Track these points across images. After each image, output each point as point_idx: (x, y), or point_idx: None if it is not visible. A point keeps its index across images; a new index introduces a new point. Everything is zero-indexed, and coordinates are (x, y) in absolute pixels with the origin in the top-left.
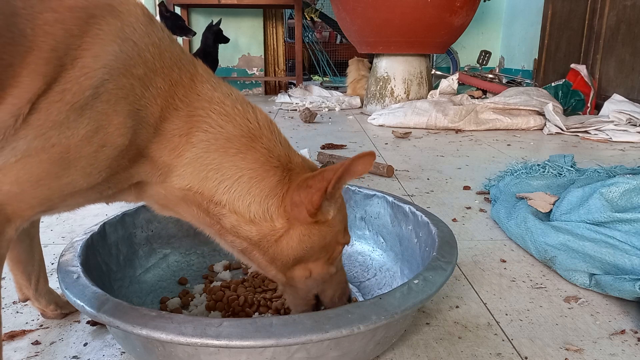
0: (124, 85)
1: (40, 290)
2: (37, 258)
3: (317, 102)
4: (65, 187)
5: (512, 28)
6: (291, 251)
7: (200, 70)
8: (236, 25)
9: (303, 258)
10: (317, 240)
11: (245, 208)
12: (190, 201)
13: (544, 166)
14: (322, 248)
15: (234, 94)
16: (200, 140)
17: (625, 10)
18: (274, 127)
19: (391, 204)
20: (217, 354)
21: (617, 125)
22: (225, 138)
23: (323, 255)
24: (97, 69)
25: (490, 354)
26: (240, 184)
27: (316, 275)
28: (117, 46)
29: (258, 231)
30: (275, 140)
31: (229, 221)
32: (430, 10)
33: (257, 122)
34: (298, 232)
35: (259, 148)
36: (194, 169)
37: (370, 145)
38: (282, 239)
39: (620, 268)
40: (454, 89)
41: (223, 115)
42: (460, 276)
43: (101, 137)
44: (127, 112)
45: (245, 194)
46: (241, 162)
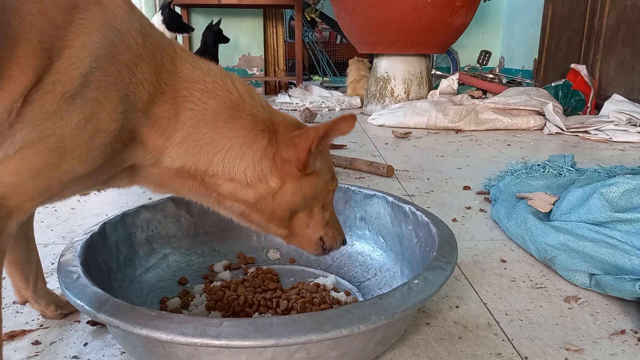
0: (112, 72)
1: (39, 292)
2: (34, 259)
3: (317, 102)
4: (63, 175)
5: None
6: (287, 205)
7: (179, 51)
8: (236, 25)
9: (299, 209)
10: (309, 191)
11: (241, 174)
12: (185, 176)
13: (544, 166)
14: (315, 197)
15: (212, 70)
16: (188, 119)
17: (625, 10)
18: (253, 93)
19: (391, 204)
20: (217, 354)
21: (617, 125)
22: (212, 113)
23: (317, 203)
24: (85, 58)
25: (490, 354)
26: (233, 153)
27: (314, 222)
28: (102, 35)
29: (255, 193)
30: (257, 106)
31: (226, 189)
32: (430, 10)
33: (237, 92)
34: (291, 186)
35: (244, 116)
36: (187, 147)
37: (370, 145)
38: (278, 196)
39: (620, 268)
40: (454, 89)
41: (205, 92)
42: (460, 276)
43: (94, 124)
44: (117, 99)
45: (240, 160)
46: (230, 132)
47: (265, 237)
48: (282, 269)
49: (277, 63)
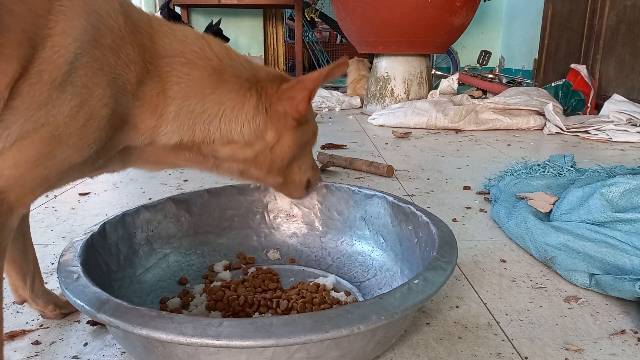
0: (97, 57)
1: (37, 291)
2: (31, 256)
3: (317, 102)
4: (60, 164)
5: (512, 28)
6: (285, 155)
7: (155, 26)
8: (236, 25)
9: (296, 157)
10: (303, 138)
11: (239, 135)
12: (182, 149)
13: (544, 166)
14: (307, 143)
15: (188, 38)
16: (176, 93)
17: (625, 10)
18: (232, 54)
19: (391, 204)
20: (217, 354)
21: (617, 125)
22: (197, 83)
23: (308, 147)
24: (68, 45)
25: (490, 354)
26: (227, 117)
27: (306, 166)
28: (83, 20)
29: (253, 150)
30: (238, 66)
31: (225, 152)
32: (430, 10)
33: (216, 57)
34: (288, 138)
35: (228, 79)
36: (181, 121)
37: (370, 145)
38: (276, 148)
39: (621, 268)
40: (454, 89)
41: (186, 64)
42: (460, 276)
43: (86, 110)
44: (105, 83)
45: (235, 123)
46: (220, 98)
47: (265, 237)
48: (282, 269)
49: (277, 63)
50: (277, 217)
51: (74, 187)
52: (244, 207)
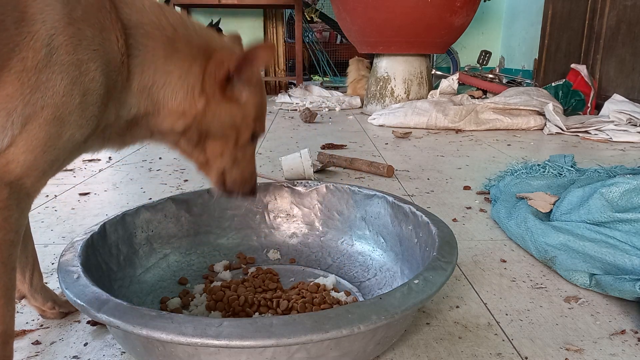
0: (73, 32)
1: (36, 286)
2: (30, 249)
3: (317, 102)
4: (67, 143)
5: (512, 28)
6: (205, 126)
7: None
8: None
9: (214, 133)
10: (226, 117)
11: (177, 105)
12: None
13: (544, 166)
14: (232, 126)
15: (145, 7)
16: (135, 66)
17: (625, 10)
18: (186, 23)
19: (391, 204)
20: (217, 354)
21: (618, 125)
22: (151, 54)
23: (232, 134)
24: (40, 28)
25: (490, 354)
26: (171, 85)
27: (224, 154)
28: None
29: (186, 120)
30: (191, 35)
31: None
32: (430, 10)
33: (170, 26)
34: (212, 107)
35: (179, 47)
36: (141, 94)
37: (371, 145)
38: (202, 118)
39: (621, 268)
40: (454, 89)
41: (143, 35)
42: (460, 276)
43: (79, 87)
44: (88, 57)
45: (178, 91)
46: (169, 67)
47: (265, 237)
48: (282, 269)
49: (277, 63)
50: (277, 217)
51: (74, 187)
52: (244, 207)
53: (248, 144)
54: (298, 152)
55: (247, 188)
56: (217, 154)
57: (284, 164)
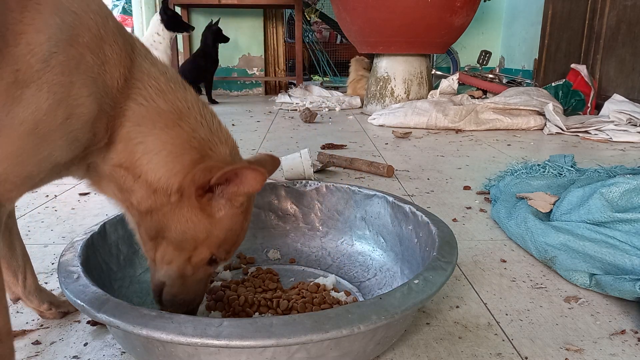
0: (73, 55)
1: (30, 288)
2: (19, 252)
3: (317, 102)
4: (43, 161)
5: (512, 28)
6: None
7: (138, 44)
8: (236, 25)
9: (174, 238)
10: (191, 226)
11: (154, 179)
12: (112, 178)
13: (544, 166)
14: (192, 239)
15: (169, 73)
16: (134, 113)
17: (625, 10)
18: (205, 111)
19: (391, 204)
20: (217, 354)
21: (618, 125)
22: (156, 112)
23: (190, 247)
24: (43, 43)
25: (490, 354)
26: (159, 157)
27: (174, 265)
28: (58, 17)
29: (153, 203)
30: (202, 123)
31: (135, 197)
32: (430, 10)
33: (186, 102)
34: (182, 210)
35: (184, 126)
36: (126, 145)
37: (371, 145)
38: (169, 213)
39: (621, 268)
40: (454, 89)
41: (157, 90)
42: (460, 276)
43: (64, 109)
44: (82, 82)
45: (161, 167)
46: (165, 136)
47: (265, 237)
48: (282, 269)
49: (277, 63)
50: (277, 217)
51: (74, 187)
52: None
53: (203, 265)
54: (298, 152)
55: (181, 309)
56: (165, 260)
57: (284, 164)
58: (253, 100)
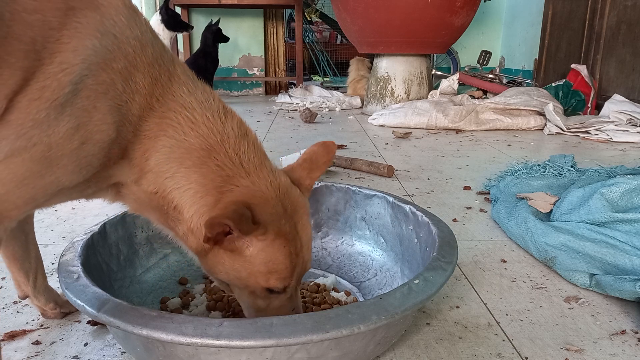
0: (104, 80)
1: (39, 287)
2: (33, 254)
3: (317, 102)
4: (49, 186)
5: (512, 28)
6: (213, 269)
7: (179, 71)
8: (236, 25)
9: (225, 280)
10: (230, 269)
11: (189, 218)
12: (156, 206)
13: (544, 166)
14: (238, 279)
15: (208, 102)
16: (163, 146)
17: (625, 11)
18: (240, 143)
19: (391, 204)
20: (217, 354)
21: (618, 126)
22: (185, 148)
23: (242, 286)
24: (76, 65)
25: (490, 354)
26: (187, 196)
27: (243, 300)
28: (97, 40)
29: (197, 243)
30: (231, 158)
31: (181, 228)
32: (430, 10)
33: (221, 135)
34: (216, 254)
35: (211, 164)
36: (156, 175)
37: (371, 145)
38: (207, 255)
39: (621, 268)
40: (454, 89)
41: (190, 122)
42: (460, 276)
43: (82, 134)
44: (107, 108)
45: (191, 206)
46: (192, 176)
47: None
48: None
49: (277, 63)
50: None
51: None
52: None
53: (269, 296)
54: (298, 152)
55: None
56: (237, 296)
57: (284, 163)
58: (253, 100)
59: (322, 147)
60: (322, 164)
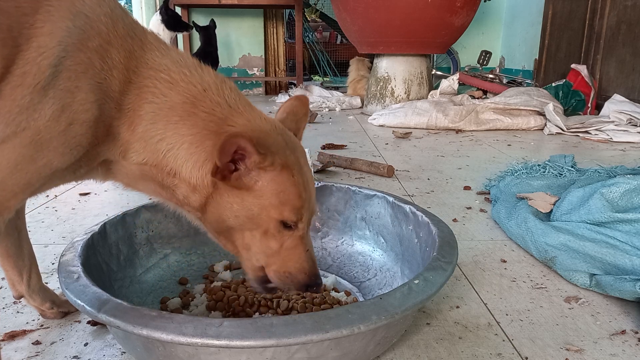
0: (81, 60)
1: (33, 286)
2: (26, 252)
3: (317, 102)
4: (42, 169)
5: (512, 28)
6: (218, 217)
7: (150, 38)
8: (236, 25)
9: (234, 227)
10: (239, 209)
11: (188, 175)
12: (148, 177)
13: (544, 166)
14: (249, 219)
15: (183, 60)
16: (146, 112)
17: (625, 11)
18: (223, 88)
19: (391, 204)
20: (217, 354)
21: (618, 126)
22: (169, 107)
23: (254, 227)
24: (53, 47)
25: (490, 354)
26: (182, 151)
27: (254, 247)
28: (70, 21)
29: (200, 198)
30: (218, 103)
31: (181, 192)
32: (430, 10)
33: (201, 85)
34: (223, 197)
35: (199, 113)
36: (145, 143)
37: (371, 145)
38: (214, 204)
39: (621, 268)
40: (454, 89)
41: (168, 82)
42: (460, 276)
43: (67, 115)
44: (88, 87)
45: (187, 160)
46: (182, 129)
47: None
48: None
49: (277, 63)
50: None
51: (75, 187)
52: None
53: (282, 232)
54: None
55: (295, 284)
56: (246, 246)
57: None
58: (253, 100)
59: (297, 100)
60: (302, 116)
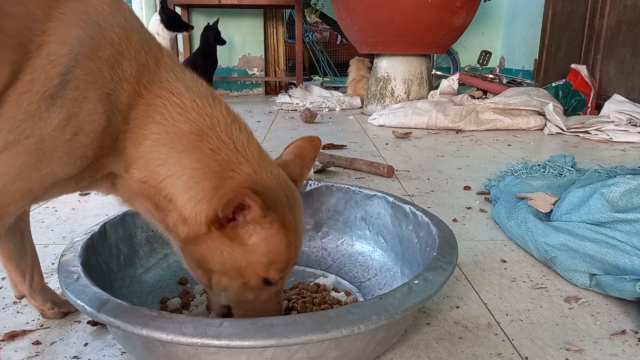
0: (91, 69)
1: (35, 287)
2: (29, 253)
3: (317, 103)
4: (44, 178)
5: (512, 28)
6: (205, 259)
7: (166, 57)
8: (236, 25)
9: (218, 270)
10: (227, 258)
11: (182, 206)
12: (146, 195)
13: (544, 166)
14: (235, 269)
15: (196, 87)
16: (151, 133)
17: (625, 11)
18: (232, 127)
19: (391, 204)
20: (217, 354)
21: (618, 126)
22: (175, 133)
23: (236, 276)
24: (63, 56)
25: (490, 354)
26: (181, 182)
27: (230, 293)
28: (82, 30)
29: (188, 232)
30: (226, 142)
31: (172, 218)
32: (430, 10)
33: (211, 119)
34: (214, 242)
35: (204, 149)
36: (146, 163)
37: (371, 145)
38: (203, 244)
39: (621, 268)
40: (454, 89)
41: (179, 108)
42: (460, 276)
43: (73, 125)
44: (97, 98)
45: (184, 193)
46: (185, 160)
47: None
48: None
49: (277, 63)
50: None
51: None
52: None
53: (261, 287)
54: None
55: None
56: (222, 287)
57: None
58: (253, 100)
59: (308, 143)
60: (309, 161)
